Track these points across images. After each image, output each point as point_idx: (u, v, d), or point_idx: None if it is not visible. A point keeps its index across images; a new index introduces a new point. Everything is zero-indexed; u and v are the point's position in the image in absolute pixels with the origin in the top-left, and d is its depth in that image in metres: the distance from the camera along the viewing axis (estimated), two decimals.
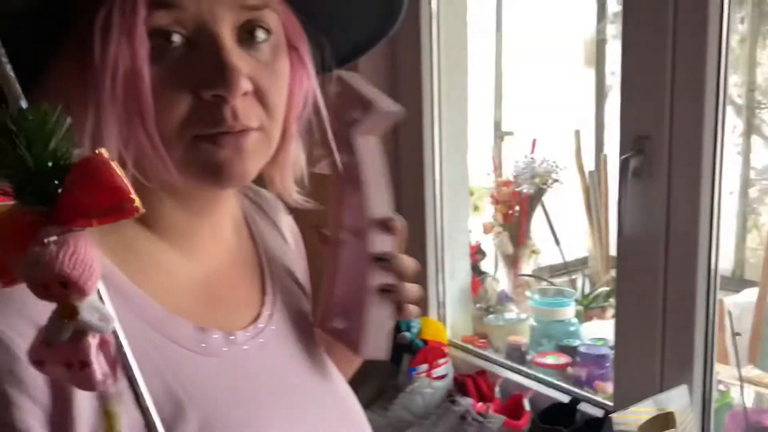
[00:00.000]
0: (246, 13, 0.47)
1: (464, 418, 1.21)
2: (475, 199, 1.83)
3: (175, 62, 0.46)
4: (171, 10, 0.45)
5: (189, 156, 0.47)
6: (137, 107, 0.44)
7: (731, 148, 2.27)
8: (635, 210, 1.01)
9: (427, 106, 1.49)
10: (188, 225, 0.54)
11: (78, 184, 0.32)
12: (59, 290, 0.31)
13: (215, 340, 0.52)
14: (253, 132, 0.49)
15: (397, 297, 0.59)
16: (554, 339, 1.53)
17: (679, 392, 0.98)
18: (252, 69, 0.48)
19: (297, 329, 0.61)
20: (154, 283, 0.50)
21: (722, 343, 1.98)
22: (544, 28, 2.48)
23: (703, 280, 0.98)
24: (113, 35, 0.43)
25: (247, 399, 0.52)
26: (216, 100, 0.46)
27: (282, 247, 0.67)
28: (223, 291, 0.57)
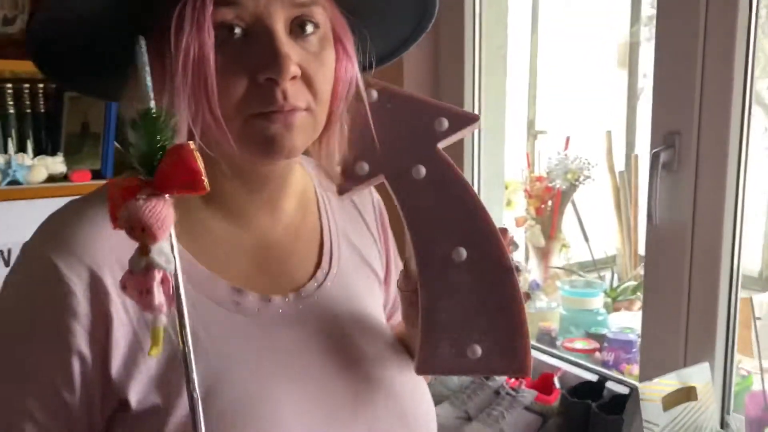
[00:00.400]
0: (297, 9, 0.54)
1: (498, 392, 1.30)
2: (509, 193, 1.90)
3: (235, 50, 0.53)
4: (233, 7, 0.53)
5: (245, 130, 0.54)
6: (204, 88, 0.52)
7: (760, 148, 2.31)
8: (664, 201, 1.09)
9: (468, 103, 1.58)
10: (243, 198, 0.61)
11: (168, 163, 0.44)
12: (139, 233, 0.43)
13: (250, 301, 0.59)
14: (301, 111, 0.55)
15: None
16: (583, 327, 1.60)
17: (701, 369, 1.06)
18: (301, 57, 0.54)
19: (346, 308, 0.65)
20: (202, 248, 0.59)
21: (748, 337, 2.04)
22: (578, 31, 2.54)
23: (726, 267, 1.05)
24: (186, 27, 0.51)
25: (266, 357, 0.58)
26: (269, 83, 0.53)
27: (358, 230, 0.72)
28: (270, 259, 0.63)
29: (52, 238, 0.55)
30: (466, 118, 0.59)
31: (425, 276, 0.58)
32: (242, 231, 0.62)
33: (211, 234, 0.60)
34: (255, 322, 0.59)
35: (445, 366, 0.58)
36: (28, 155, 1.35)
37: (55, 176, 1.37)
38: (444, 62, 1.61)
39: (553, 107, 2.53)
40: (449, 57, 1.59)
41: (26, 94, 1.42)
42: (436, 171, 0.58)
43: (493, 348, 0.57)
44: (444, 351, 0.57)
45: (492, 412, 1.26)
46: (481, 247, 0.57)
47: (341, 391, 0.61)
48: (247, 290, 0.60)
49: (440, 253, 0.57)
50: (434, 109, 0.59)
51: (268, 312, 0.60)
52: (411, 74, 1.60)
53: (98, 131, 1.40)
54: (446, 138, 0.59)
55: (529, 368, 0.57)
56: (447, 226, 0.58)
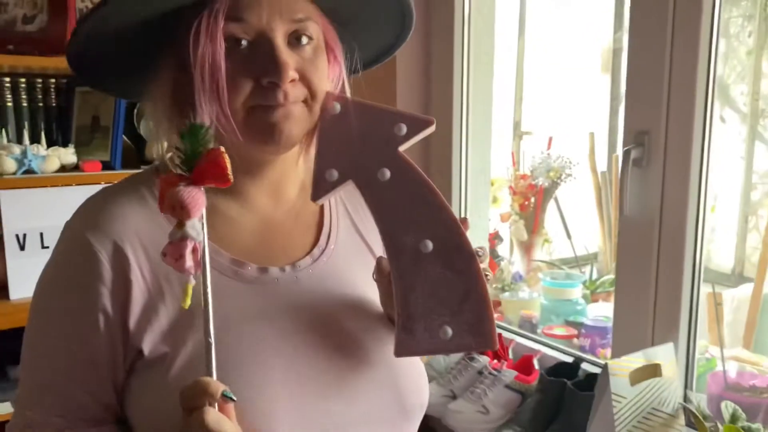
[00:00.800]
0: (294, 24, 0.64)
1: (481, 372, 1.40)
2: (495, 190, 2.00)
3: (242, 58, 0.63)
4: (241, 23, 0.63)
5: (248, 120, 0.64)
6: (216, 90, 0.63)
7: (735, 152, 2.42)
8: (634, 195, 1.19)
9: (456, 105, 1.68)
10: (248, 183, 0.71)
11: (204, 161, 0.55)
12: (179, 211, 0.55)
13: (249, 271, 0.69)
14: (299, 104, 0.65)
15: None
16: (562, 315, 1.71)
17: (666, 348, 1.16)
18: (298, 63, 0.64)
19: (340, 283, 0.73)
20: (212, 227, 0.67)
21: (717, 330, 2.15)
22: (564, 37, 2.64)
23: (690, 256, 1.15)
24: (201, 39, 0.62)
25: (260, 318, 0.66)
26: (271, 85, 0.63)
27: (362, 216, 0.80)
28: (270, 236, 0.72)
29: (86, 217, 0.67)
30: (423, 122, 0.64)
31: (397, 267, 0.63)
32: (246, 211, 0.72)
33: (218, 213, 0.69)
34: (253, 289, 0.68)
35: (420, 347, 0.63)
36: (42, 146, 1.43)
37: (66, 166, 1.45)
38: (434, 66, 1.70)
39: (539, 109, 2.64)
40: (439, 61, 1.69)
41: (39, 89, 1.50)
42: (399, 172, 0.64)
43: (462, 327, 0.62)
44: (418, 334, 0.62)
45: (475, 390, 1.36)
46: (444, 238, 0.62)
47: (327, 351, 0.68)
48: (247, 261, 0.69)
49: (409, 245, 0.63)
50: (393, 116, 0.65)
51: (264, 280, 0.69)
52: (403, 78, 1.69)
53: (108, 125, 1.49)
54: (406, 141, 0.64)
55: (496, 342, 0.62)
56: (413, 222, 0.63)
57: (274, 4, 0.63)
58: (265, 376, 0.64)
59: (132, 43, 0.65)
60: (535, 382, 1.34)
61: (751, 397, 1.18)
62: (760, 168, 2.41)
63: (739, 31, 2.41)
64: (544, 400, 1.29)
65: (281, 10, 0.63)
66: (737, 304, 2.22)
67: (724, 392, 1.20)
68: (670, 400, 1.14)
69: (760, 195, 2.42)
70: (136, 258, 0.65)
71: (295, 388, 0.65)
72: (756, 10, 2.31)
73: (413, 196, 0.64)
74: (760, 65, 2.36)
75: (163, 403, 0.63)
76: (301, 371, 0.66)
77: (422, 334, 0.63)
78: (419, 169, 0.64)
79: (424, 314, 0.63)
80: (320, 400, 0.66)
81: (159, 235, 0.65)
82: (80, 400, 0.66)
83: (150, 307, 0.65)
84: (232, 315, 0.66)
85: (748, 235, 2.46)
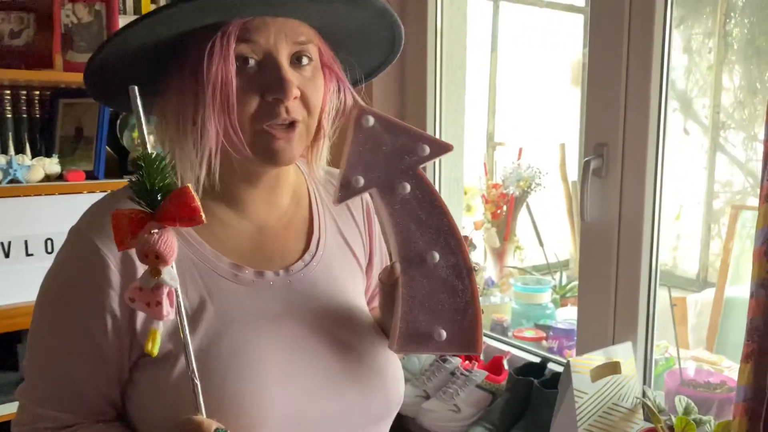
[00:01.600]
0: (296, 46, 0.71)
1: (453, 373, 1.46)
2: (468, 198, 2.07)
3: (251, 76, 0.69)
4: (249, 44, 0.68)
5: (255, 141, 0.70)
6: (227, 106, 0.68)
7: (698, 163, 2.53)
8: (594, 202, 1.27)
9: (430, 116, 1.75)
10: (244, 192, 0.76)
11: (173, 201, 0.59)
12: (153, 259, 0.58)
13: (246, 274, 0.74)
14: (299, 124, 0.71)
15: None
16: (532, 319, 1.78)
17: (625, 347, 1.23)
18: (300, 81, 0.70)
19: (329, 285, 0.78)
20: (210, 232, 0.74)
21: (685, 333, 2.24)
22: (535, 51, 2.74)
23: (646, 256, 1.23)
24: (215, 59, 0.67)
25: (257, 318, 0.71)
26: (275, 101, 0.69)
27: (346, 222, 0.86)
28: (265, 242, 0.77)
29: (92, 223, 0.71)
30: (443, 147, 0.70)
31: (406, 273, 0.70)
32: (243, 218, 0.77)
33: (217, 220, 0.75)
34: (250, 291, 0.74)
35: (417, 346, 0.71)
36: (27, 156, 1.46)
37: (50, 176, 1.49)
38: (409, 79, 1.78)
39: (512, 121, 2.73)
40: (413, 75, 1.76)
41: (23, 100, 1.54)
42: (418, 188, 0.70)
43: (456, 333, 0.70)
44: (417, 334, 0.70)
45: (448, 390, 1.42)
46: (450, 253, 0.70)
47: (319, 350, 0.73)
48: (244, 266, 0.74)
49: (418, 255, 0.70)
50: (418, 137, 0.70)
51: (261, 283, 0.75)
52: (379, 89, 1.76)
53: (91, 135, 1.53)
54: (427, 161, 0.70)
55: (481, 349, 0.72)
56: (424, 234, 0.70)
57: (280, 28, 0.69)
58: (260, 371, 0.68)
59: (143, 62, 0.70)
60: (505, 382, 1.41)
61: (705, 392, 1.26)
62: (721, 178, 2.52)
63: (701, 47, 2.53)
64: (512, 399, 1.35)
65: (287, 33, 0.70)
66: (701, 308, 2.32)
67: (680, 388, 1.27)
68: (629, 396, 1.21)
69: (722, 204, 2.53)
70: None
71: (288, 383, 0.70)
72: (716, 27, 2.43)
73: (428, 211, 0.70)
74: (721, 79, 2.47)
75: (165, 398, 0.68)
76: (295, 368, 0.71)
77: (420, 334, 0.70)
78: (435, 188, 0.72)
79: (425, 318, 0.70)
80: (312, 395, 0.71)
81: None
82: (88, 397, 0.70)
83: None
84: (232, 315, 0.71)
85: (711, 242, 2.56)
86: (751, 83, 2.43)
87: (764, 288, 0.73)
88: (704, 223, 2.54)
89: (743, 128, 2.45)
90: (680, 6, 2.39)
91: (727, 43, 2.45)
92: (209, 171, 0.70)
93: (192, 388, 0.62)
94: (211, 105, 0.68)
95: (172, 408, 0.66)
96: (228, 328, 0.70)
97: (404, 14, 1.75)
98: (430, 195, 0.70)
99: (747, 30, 2.42)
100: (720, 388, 1.28)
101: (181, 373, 0.67)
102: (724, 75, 2.48)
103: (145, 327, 0.69)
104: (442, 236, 0.70)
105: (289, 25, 0.70)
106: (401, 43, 0.81)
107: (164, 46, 0.69)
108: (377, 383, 0.75)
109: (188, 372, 0.61)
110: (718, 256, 2.57)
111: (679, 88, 2.55)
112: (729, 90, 2.48)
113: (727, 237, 2.23)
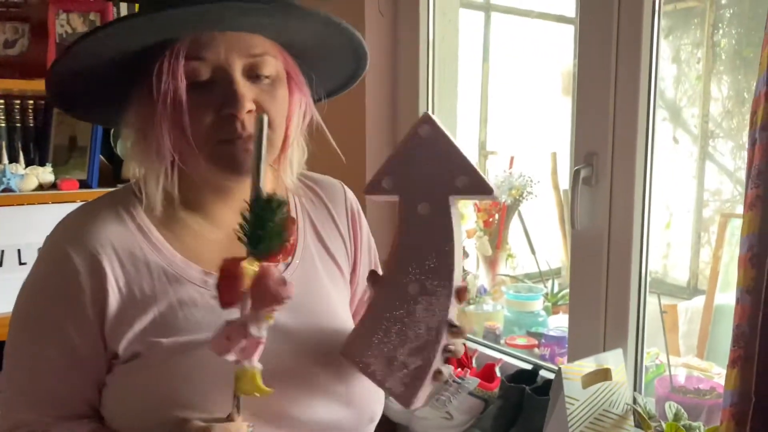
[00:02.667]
0: (252, 58, 0.71)
1: (446, 381, 1.46)
2: (460, 206, 2.08)
3: (204, 92, 0.69)
4: (201, 60, 0.69)
5: (214, 153, 0.71)
6: (180, 122, 0.69)
7: (688, 172, 2.56)
8: (584, 210, 1.29)
9: None
10: (216, 203, 0.78)
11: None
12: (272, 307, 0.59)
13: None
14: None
15: (454, 356, 0.70)
16: (524, 327, 1.79)
17: (615, 354, 1.24)
18: (256, 94, 0.71)
19: (304, 292, 0.77)
20: (182, 241, 0.76)
21: (676, 340, 2.25)
22: (527, 61, 2.76)
23: (636, 263, 1.24)
24: (163, 77, 0.68)
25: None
26: (229, 116, 0.69)
27: (328, 229, 0.85)
28: (237, 251, 0.77)
29: (66, 231, 0.74)
30: (484, 187, 0.65)
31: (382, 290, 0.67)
32: (214, 228, 0.78)
33: (189, 230, 0.77)
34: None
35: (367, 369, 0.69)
36: (20, 165, 1.47)
37: (44, 185, 1.49)
38: (401, 89, 1.79)
39: (504, 130, 2.75)
40: (405, 85, 1.77)
41: (17, 109, 1.55)
42: (438, 214, 0.65)
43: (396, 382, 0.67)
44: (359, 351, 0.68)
45: (440, 397, 1.42)
46: (434, 296, 0.66)
47: (284, 358, 0.73)
48: (214, 273, 0.74)
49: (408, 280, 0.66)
50: (463, 166, 0.65)
51: None
52: (371, 99, 1.78)
53: (85, 144, 1.54)
54: (459, 194, 0.65)
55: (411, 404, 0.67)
56: (423, 262, 0.66)
57: (231, 42, 0.70)
58: (214, 376, 0.68)
59: (105, 77, 0.72)
60: (497, 389, 1.42)
61: (695, 398, 1.27)
62: (711, 186, 2.55)
63: (689, 57, 2.56)
64: (505, 406, 1.36)
65: (238, 47, 0.70)
66: (691, 315, 2.33)
67: (670, 394, 1.29)
68: (620, 402, 1.22)
69: (712, 212, 2.55)
70: (112, 269, 0.71)
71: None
72: (704, 38, 2.46)
73: (436, 242, 0.66)
74: (709, 89, 2.51)
75: (134, 402, 0.70)
76: (265, 376, 0.70)
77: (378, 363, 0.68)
78: (453, 222, 0.66)
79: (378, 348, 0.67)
80: (279, 404, 0.70)
81: (134, 250, 0.72)
82: (67, 400, 0.72)
83: (124, 314, 0.71)
84: (203, 321, 0.72)
85: (701, 250, 2.58)
86: (739, 93, 2.46)
87: (749, 294, 0.74)
88: (694, 231, 2.56)
89: (732, 137, 2.48)
90: (669, 17, 2.42)
91: (715, 53, 2.48)
92: (171, 182, 0.71)
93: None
94: (162, 121, 0.69)
95: (140, 411, 0.68)
96: (199, 335, 0.71)
97: (396, 25, 1.77)
98: (444, 229, 0.66)
99: (735, 41, 2.46)
100: (710, 394, 1.29)
101: (151, 376, 0.69)
102: (713, 85, 2.51)
103: (114, 331, 0.71)
104: (440, 272, 0.65)
105: (241, 38, 0.70)
106: (365, 54, 0.81)
107: (130, 60, 0.70)
108: (344, 396, 0.75)
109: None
110: (708, 263, 2.59)
111: (669, 97, 2.58)
112: (717, 100, 2.51)
113: (717, 245, 2.25)
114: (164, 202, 0.73)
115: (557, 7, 2.66)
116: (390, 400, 0.71)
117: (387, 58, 1.77)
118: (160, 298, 0.72)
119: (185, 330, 0.71)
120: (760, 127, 0.72)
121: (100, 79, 0.72)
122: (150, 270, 0.72)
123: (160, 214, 0.74)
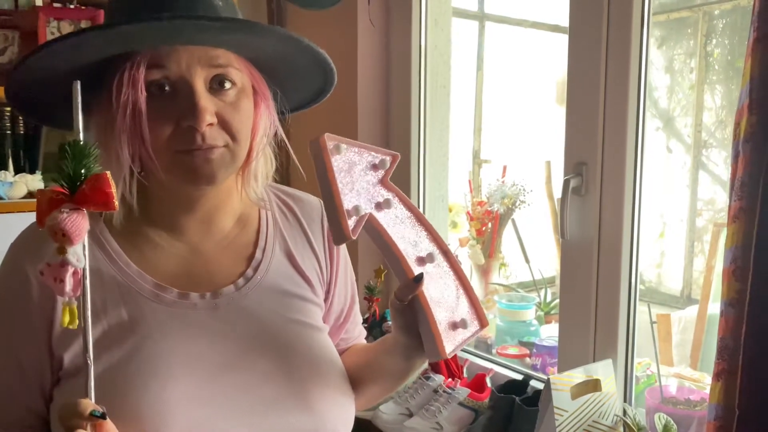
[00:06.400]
0: (214, 69, 0.70)
1: (436, 391, 1.46)
2: (453, 215, 2.09)
3: (164, 102, 0.68)
4: (161, 69, 0.68)
5: (173, 163, 0.69)
6: (139, 132, 0.68)
7: (681, 181, 2.56)
8: (574, 220, 1.28)
9: (414, 134, 1.77)
10: (179, 216, 0.76)
11: (89, 186, 0.58)
12: (60, 237, 0.57)
13: (169, 295, 0.73)
14: (219, 148, 0.70)
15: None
16: (517, 336, 1.78)
17: (605, 364, 1.24)
18: (218, 107, 0.69)
19: (265, 311, 0.76)
20: (140, 252, 0.75)
21: (669, 349, 2.24)
22: (521, 70, 2.77)
23: (626, 273, 1.24)
24: (123, 87, 0.68)
25: (173, 339, 0.71)
26: (190, 128, 0.68)
27: (301, 247, 0.83)
28: (196, 265, 0.77)
29: (23, 242, 0.74)
30: (393, 155, 0.73)
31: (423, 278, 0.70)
32: (177, 241, 0.77)
33: (149, 242, 0.76)
34: (172, 312, 0.73)
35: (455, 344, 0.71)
36: (9, 173, 1.46)
37: (33, 192, 1.48)
38: (393, 98, 1.79)
39: (498, 139, 2.75)
40: (398, 94, 1.78)
41: (7, 117, 1.54)
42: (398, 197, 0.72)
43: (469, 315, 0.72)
44: (449, 331, 0.71)
45: (430, 407, 1.41)
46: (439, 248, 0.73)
47: (237, 377, 0.71)
48: (168, 286, 0.74)
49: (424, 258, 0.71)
50: (377, 151, 0.71)
51: (184, 305, 0.74)
52: (364, 108, 1.78)
53: None
54: (391, 171, 0.72)
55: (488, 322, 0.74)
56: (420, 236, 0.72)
57: (192, 52, 0.69)
58: (164, 392, 0.68)
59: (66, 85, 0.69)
60: (487, 399, 1.41)
61: (685, 409, 1.27)
62: (704, 195, 2.56)
63: (683, 67, 2.57)
64: (494, 416, 1.35)
65: (200, 58, 0.69)
66: (685, 324, 2.33)
67: (660, 405, 1.28)
68: (609, 413, 1.22)
69: (705, 221, 2.56)
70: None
71: (194, 408, 0.68)
72: (697, 48, 2.47)
73: (412, 216, 0.73)
74: (702, 99, 2.52)
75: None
76: (205, 393, 0.69)
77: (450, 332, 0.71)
78: (404, 194, 0.73)
79: (445, 315, 0.71)
80: (220, 423, 0.69)
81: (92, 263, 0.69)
82: (13, 409, 0.73)
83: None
84: (150, 334, 0.71)
85: (694, 260, 2.59)
86: (732, 103, 2.47)
87: (733, 307, 0.74)
88: (688, 240, 2.56)
89: (725, 147, 2.49)
90: (662, 27, 2.44)
91: (708, 63, 2.50)
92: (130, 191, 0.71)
93: (86, 367, 0.61)
94: (121, 132, 0.68)
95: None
96: (141, 347, 0.70)
97: (388, 34, 1.77)
98: (407, 202, 0.72)
99: (727, 51, 2.47)
100: (700, 405, 1.28)
101: (97, 387, 0.66)
102: (706, 94, 2.52)
103: (61, 342, 0.71)
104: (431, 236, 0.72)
105: (204, 49, 0.70)
106: (331, 70, 0.79)
107: (93, 68, 0.70)
108: (302, 417, 0.72)
109: (84, 354, 0.60)
110: (701, 273, 2.59)
111: (662, 107, 2.59)
112: (711, 109, 2.52)
113: (710, 254, 2.25)
114: (125, 213, 0.72)
115: (551, 17, 2.67)
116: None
117: (379, 68, 1.77)
118: (111, 311, 0.71)
119: (131, 343, 0.70)
120: (743, 139, 0.72)
121: (62, 87, 0.69)
122: (103, 281, 0.72)
123: (120, 225, 0.74)
